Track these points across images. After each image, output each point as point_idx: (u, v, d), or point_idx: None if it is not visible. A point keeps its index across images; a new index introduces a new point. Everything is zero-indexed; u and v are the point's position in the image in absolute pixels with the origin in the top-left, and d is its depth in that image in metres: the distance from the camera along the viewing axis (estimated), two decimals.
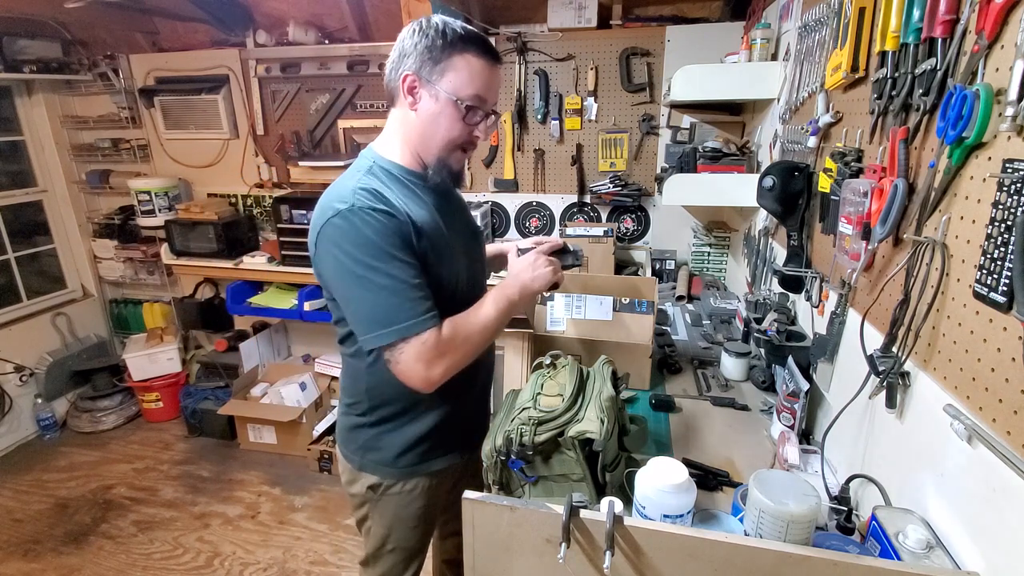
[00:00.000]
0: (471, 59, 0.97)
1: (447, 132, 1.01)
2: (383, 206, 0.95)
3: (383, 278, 0.93)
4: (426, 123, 1.01)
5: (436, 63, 0.97)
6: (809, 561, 0.70)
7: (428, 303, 0.97)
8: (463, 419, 1.23)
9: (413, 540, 1.25)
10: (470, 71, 0.97)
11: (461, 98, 0.98)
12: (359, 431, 1.17)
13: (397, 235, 0.95)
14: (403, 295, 0.94)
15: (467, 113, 0.99)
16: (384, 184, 1.01)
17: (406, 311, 0.94)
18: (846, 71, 1.16)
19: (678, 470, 0.91)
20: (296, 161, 3.06)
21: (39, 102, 3.25)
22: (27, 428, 3.20)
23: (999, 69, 0.73)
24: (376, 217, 0.93)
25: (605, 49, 2.56)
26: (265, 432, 2.96)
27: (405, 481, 1.18)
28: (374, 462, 1.17)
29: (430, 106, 1.00)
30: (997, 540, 0.72)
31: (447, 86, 0.98)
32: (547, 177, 2.83)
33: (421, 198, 1.05)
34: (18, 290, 3.24)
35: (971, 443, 0.76)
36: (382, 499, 1.20)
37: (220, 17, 2.88)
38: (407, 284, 0.94)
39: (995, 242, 0.71)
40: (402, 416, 1.14)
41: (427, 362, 0.96)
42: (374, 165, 1.05)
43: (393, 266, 0.94)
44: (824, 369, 1.27)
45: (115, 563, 2.30)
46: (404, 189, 1.03)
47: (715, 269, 2.63)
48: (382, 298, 0.94)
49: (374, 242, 0.93)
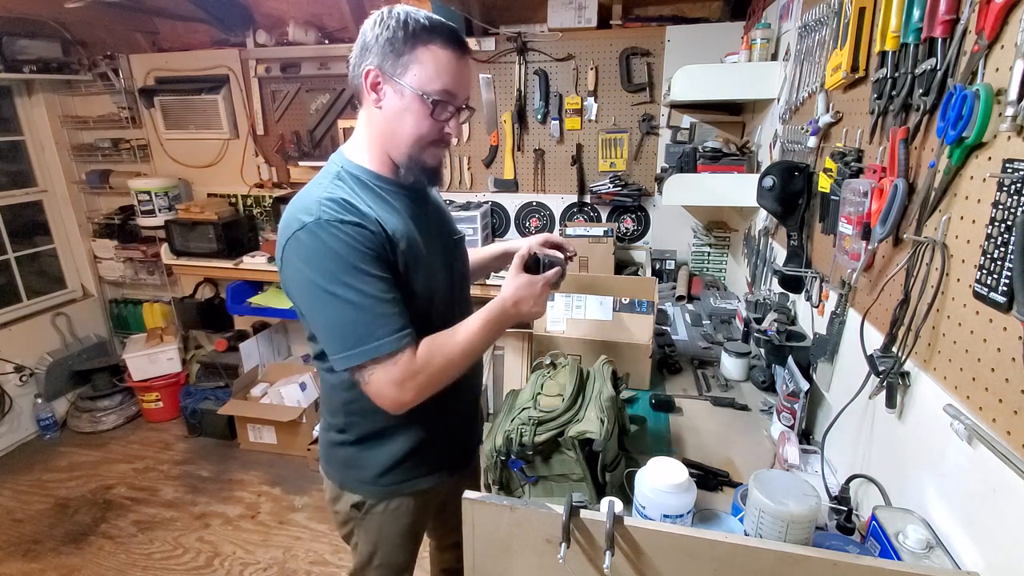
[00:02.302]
0: (436, 51, 0.90)
1: (415, 129, 0.94)
2: (351, 216, 0.89)
3: (352, 294, 0.88)
4: (392, 121, 0.95)
5: (399, 56, 0.90)
6: (809, 561, 0.70)
7: (401, 320, 0.91)
8: (449, 436, 1.17)
9: (400, 557, 1.21)
10: (436, 64, 0.90)
11: (428, 93, 0.91)
12: (340, 448, 1.12)
13: (367, 247, 0.89)
14: (373, 312, 0.88)
15: (435, 109, 0.92)
16: (352, 191, 0.95)
17: (377, 330, 0.88)
18: (846, 71, 1.16)
19: (678, 470, 0.91)
20: (296, 161, 3.06)
21: (39, 102, 3.25)
22: (27, 428, 3.20)
23: (999, 69, 0.73)
24: (343, 229, 0.88)
25: (605, 49, 2.56)
26: (265, 432, 2.96)
27: (389, 500, 1.13)
28: (356, 480, 1.12)
29: (395, 103, 0.93)
30: (997, 540, 0.72)
31: (412, 80, 0.91)
32: (547, 177, 2.83)
33: (393, 205, 0.98)
34: (18, 290, 3.24)
35: (971, 443, 0.76)
36: (366, 518, 1.15)
37: (220, 17, 2.88)
38: (378, 300, 0.89)
39: (995, 242, 0.71)
40: (383, 433, 1.08)
41: (398, 384, 0.91)
42: (342, 170, 0.98)
43: (363, 281, 0.88)
44: (824, 369, 1.27)
45: (115, 563, 2.30)
46: (374, 196, 0.97)
47: (715, 269, 2.63)
48: (351, 316, 0.88)
49: (342, 256, 0.87)
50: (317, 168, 3.23)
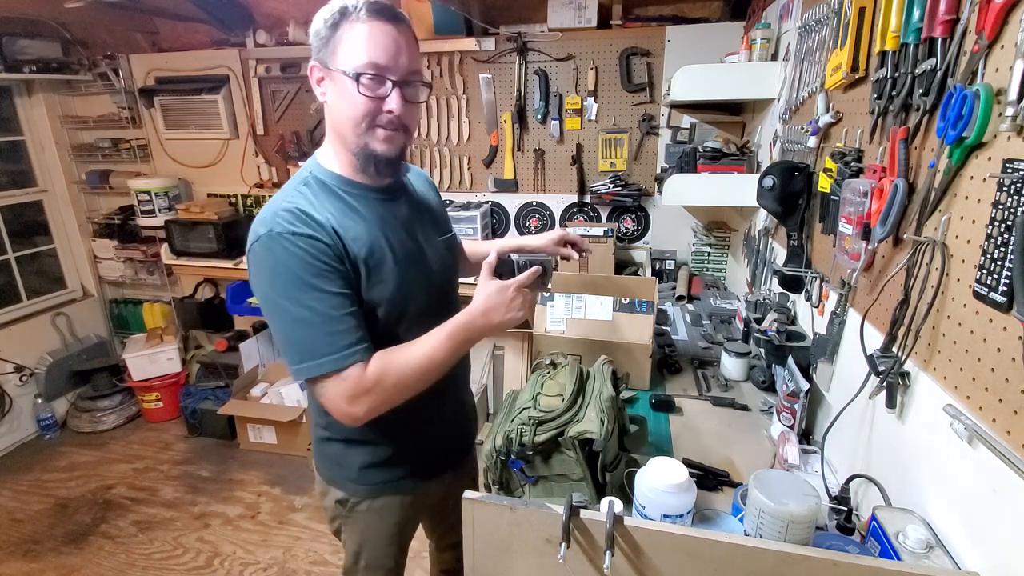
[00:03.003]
0: (357, 26, 0.88)
1: (350, 110, 0.90)
2: (305, 229, 0.88)
3: (301, 310, 0.87)
4: (335, 110, 0.93)
5: (326, 43, 0.90)
6: (809, 561, 0.70)
7: (352, 336, 0.89)
8: (435, 439, 1.17)
9: (387, 558, 1.21)
10: (356, 38, 0.88)
11: (352, 69, 0.88)
12: (327, 444, 1.12)
13: (319, 260, 0.88)
14: (321, 329, 0.88)
15: (363, 85, 0.88)
16: (314, 199, 0.93)
17: (325, 346, 0.88)
18: (846, 71, 1.16)
19: (678, 470, 0.91)
20: (296, 161, 3.06)
21: (39, 102, 3.25)
22: (27, 428, 3.20)
23: (999, 69, 0.73)
24: (294, 243, 0.86)
25: (605, 49, 2.56)
26: (265, 432, 2.96)
27: (373, 499, 1.13)
28: (340, 476, 1.13)
29: (333, 91, 0.92)
30: (997, 540, 0.72)
31: (339, 63, 0.89)
32: (547, 177, 2.83)
33: (358, 211, 0.96)
34: (18, 290, 3.24)
35: (971, 443, 0.76)
36: (351, 515, 1.15)
37: (220, 17, 2.88)
38: (327, 316, 0.88)
39: (995, 242, 0.71)
40: (366, 435, 1.07)
41: (348, 400, 0.90)
42: (309, 176, 0.97)
43: (312, 297, 0.87)
44: (824, 369, 1.27)
45: (115, 563, 2.30)
46: (338, 202, 0.95)
47: (715, 269, 2.63)
48: (299, 331, 0.88)
49: (291, 270, 0.87)
50: None
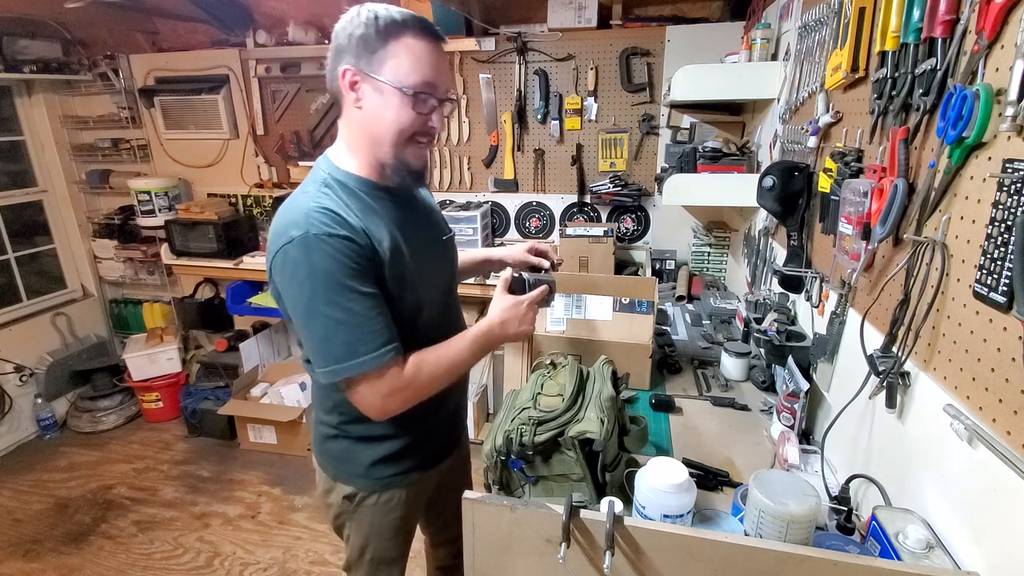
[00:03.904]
0: (411, 43, 0.89)
1: (395, 124, 0.92)
2: (342, 230, 0.88)
3: (340, 313, 0.88)
4: (373, 119, 0.93)
5: (373, 52, 0.89)
6: (809, 561, 0.70)
7: (385, 335, 0.91)
8: (439, 430, 1.21)
9: (391, 550, 1.22)
10: (412, 56, 0.89)
11: (407, 86, 0.90)
12: (333, 442, 1.14)
13: (355, 263, 0.89)
14: (360, 329, 0.89)
15: (415, 101, 0.91)
16: (341, 200, 0.94)
17: (360, 347, 0.89)
18: (846, 71, 1.16)
19: (678, 470, 0.91)
20: (296, 161, 3.06)
21: (39, 102, 3.25)
22: (27, 428, 3.20)
23: (999, 69, 0.73)
24: (333, 244, 0.87)
25: (605, 49, 2.56)
26: (265, 432, 2.96)
27: (380, 493, 1.15)
28: (348, 473, 1.14)
29: (375, 100, 0.92)
30: (997, 540, 0.72)
31: (389, 76, 0.89)
32: (547, 177, 2.83)
33: (379, 213, 0.97)
34: (18, 290, 3.24)
35: (971, 443, 0.76)
36: (358, 510, 1.16)
37: (220, 17, 2.88)
38: (364, 317, 0.89)
39: (995, 242, 0.71)
40: (374, 432, 1.10)
41: (384, 396, 0.93)
42: (329, 177, 0.97)
43: (348, 299, 0.88)
44: (824, 369, 1.27)
45: (115, 563, 2.30)
46: (361, 204, 0.96)
47: (715, 269, 2.63)
48: (338, 334, 0.89)
49: (329, 273, 0.87)
50: None
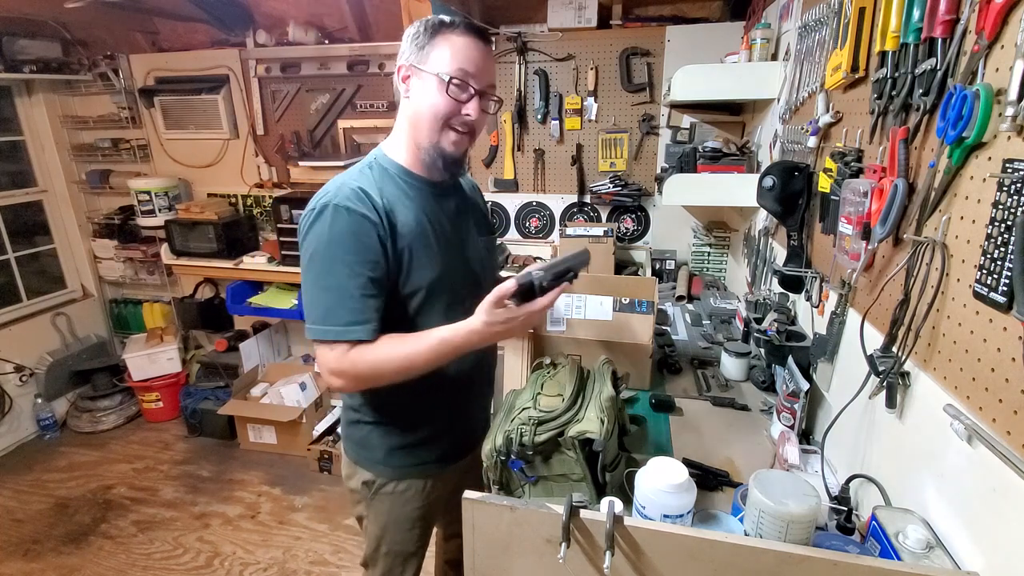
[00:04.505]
0: (452, 37, 1.00)
1: (431, 108, 1.01)
2: (360, 207, 0.98)
3: (330, 278, 0.98)
4: (417, 106, 1.04)
5: (421, 49, 1.01)
6: (809, 561, 0.70)
7: (357, 316, 0.97)
8: (460, 425, 1.23)
9: (409, 543, 1.25)
10: (452, 47, 0.99)
11: (444, 72, 0.99)
12: (357, 427, 1.19)
13: (360, 239, 0.98)
14: (337, 300, 0.97)
15: (449, 86, 0.99)
16: (375, 182, 1.03)
17: (332, 316, 0.98)
18: (846, 71, 1.16)
19: (678, 470, 0.91)
20: (296, 161, 3.06)
21: (39, 102, 3.25)
22: (27, 428, 3.20)
23: (999, 69, 0.73)
24: (345, 217, 0.97)
25: (605, 49, 2.56)
26: (265, 432, 2.96)
27: (398, 481, 1.19)
28: (367, 459, 1.19)
29: (419, 88, 1.03)
30: (997, 540, 0.72)
31: (431, 66, 1.00)
32: (547, 177, 2.83)
33: (411, 198, 1.06)
34: (18, 290, 3.24)
35: (971, 443, 0.76)
36: (376, 497, 1.21)
37: (220, 17, 2.88)
38: (346, 292, 0.97)
39: (995, 242, 0.71)
40: (397, 417, 1.16)
41: (328, 372, 1.00)
42: (374, 161, 1.08)
43: (342, 272, 0.97)
44: (824, 369, 1.27)
45: (115, 563, 2.30)
46: (395, 189, 1.06)
47: (715, 269, 2.63)
48: (321, 295, 0.99)
49: (335, 243, 0.97)
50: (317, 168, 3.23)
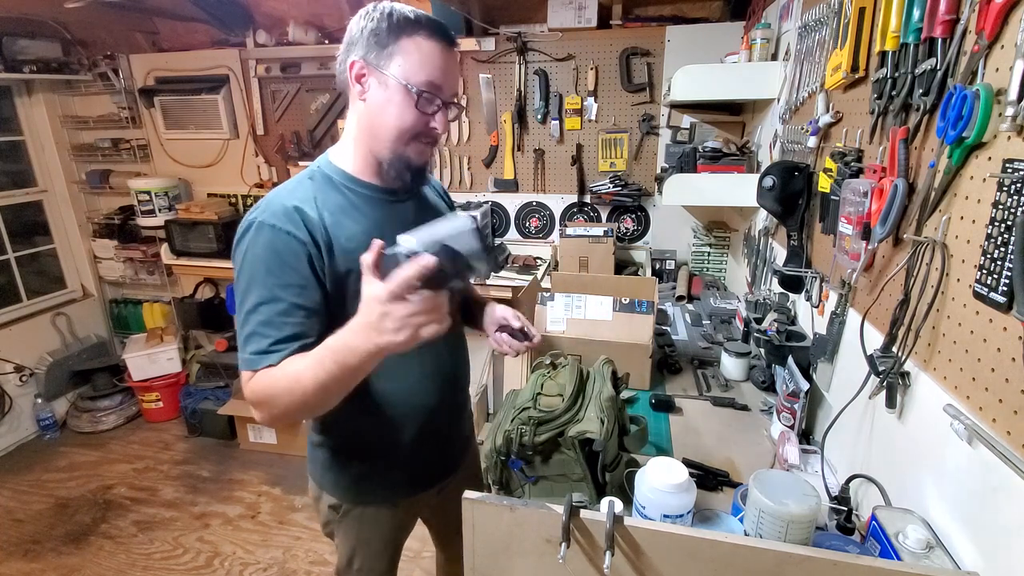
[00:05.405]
0: (421, 42, 0.89)
1: (398, 120, 0.91)
2: (285, 225, 0.88)
3: (246, 304, 0.88)
4: (375, 113, 0.93)
5: (383, 47, 0.89)
6: (809, 561, 0.70)
7: (262, 343, 0.87)
8: (431, 448, 1.14)
9: (380, 562, 1.20)
10: (420, 55, 0.89)
11: (412, 84, 0.89)
12: (319, 450, 1.11)
13: (284, 260, 0.88)
14: (256, 324, 0.87)
15: (419, 100, 0.90)
16: (316, 195, 0.93)
17: (246, 344, 0.88)
18: (846, 71, 1.16)
19: (678, 470, 0.91)
20: (296, 161, 3.06)
21: (39, 102, 3.24)
22: (27, 428, 3.20)
23: (999, 69, 0.73)
24: (268, 235, 0.88)
25: (605, 49, 2.56)
26: (265, 432, 2.96)
27: (365, 507, 1.13)
28: (332, 483, 1.12)
29: (379, 94, 0.91)
30: (997, 540, 0.72)
31: (396, 71, 0.89)
32: (547, 177, 2.83)
33: (360, 210, 0.96)
34: (18, 290, 3.24)
35: (971, 443, 0.76)
36: (344, 520, 1.14)
37: (220, 17, 2.88)
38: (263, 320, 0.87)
39: (995, 242, 0.71)
40: (357, 443, 1.08)
41: (250, 403, 0.90)
42: (317, 170, 0.98)
43: (260, 295, 0.87)
44: (824, 369, 1.27)
45: (115, 563, 2.30)
46: (340, 199, 0.95)
47: (715, 269, 2.63)
48: (239, 322, 0.90)
49: (257, 263, 0.88)
50: None
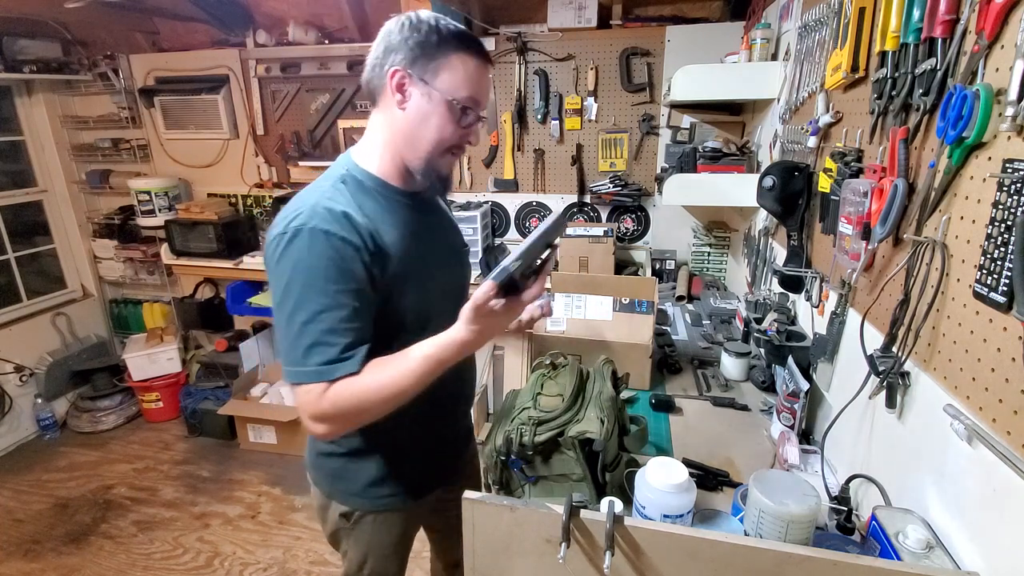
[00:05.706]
0: (468, 60, 0.92)
1: (438, 133, 0.93)
2: (342, 231, 0.86)
3: (307, 312, 0.86)
4: (415, 123, 0.93)
5: (430, 60, 0.90)
6: (809, 561, 0.70)
7: (343, 352, 0.86)
8: (445, 447, 1.17)
9: (391, 565, 1.19)
10: (467, 72, 0.92)
11: (457, 99, 0.91)
12: (327, 459, 1.09)
13: (343, 266, 0.87)
14: (319, 338, 0.85)
15: (461, 115, 0.93)
16: (353, 199, 0.92)
17: (315, 355, 0.86)
18: (846, 71, 1.16)
19: (678, 470, 0.91)
20: (296, 161, 3.07)
21: (39, 102, 3.24)
22: (27, 428, 3.20)
23: (999, 69, 0.73)
24: (324, 241, 0.85)
25: (605, 49, 2.56)
26: (265, 432, 2.96)
27: (377, 513, 1.11)
28: (343, 491, 1.10)
29: (422, 105, 0.92)
30: (997, 540, 0.72)
31: (442, 85, 0.91)
32: (547, 177, 2.83)
33: (395, 216, 0.96)
34: (18, 290, 3.24)
35: (971, 443, 0.76)
36: (356, 528, 1.12)
37: (220, 17, 2.88)
38: (328, 328, 0.86)
39: (995, 242, 0.71)
40: (378, 446, 1.06)
41: (309, 416, 0.88)
42: (347, 174, 0.96)
43: (322, 303, 0.86)
44: (824, 369, 1.27)
45: (115, 563, 2.30)
46: (375, 205, 0.95)
47: (715, 269, 2.63)
48: (299, 333, 0.86)
49: (313, 272, 0.86)
50: (317, 168, 3.23)
